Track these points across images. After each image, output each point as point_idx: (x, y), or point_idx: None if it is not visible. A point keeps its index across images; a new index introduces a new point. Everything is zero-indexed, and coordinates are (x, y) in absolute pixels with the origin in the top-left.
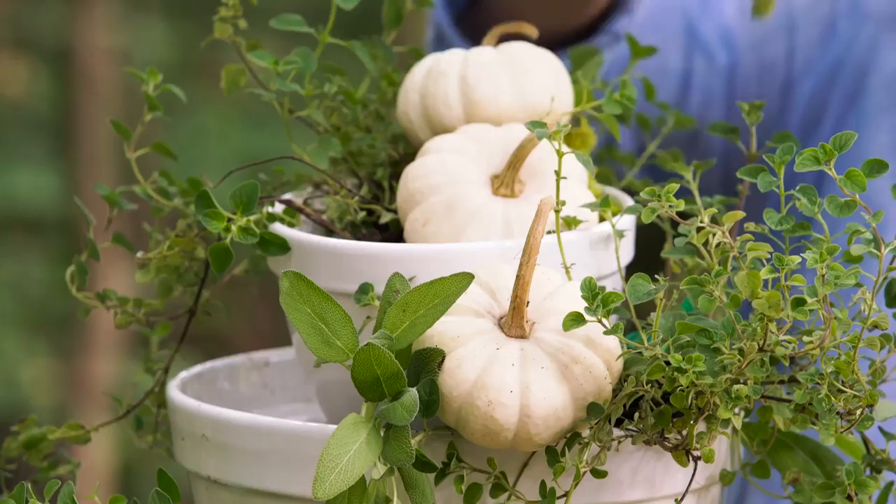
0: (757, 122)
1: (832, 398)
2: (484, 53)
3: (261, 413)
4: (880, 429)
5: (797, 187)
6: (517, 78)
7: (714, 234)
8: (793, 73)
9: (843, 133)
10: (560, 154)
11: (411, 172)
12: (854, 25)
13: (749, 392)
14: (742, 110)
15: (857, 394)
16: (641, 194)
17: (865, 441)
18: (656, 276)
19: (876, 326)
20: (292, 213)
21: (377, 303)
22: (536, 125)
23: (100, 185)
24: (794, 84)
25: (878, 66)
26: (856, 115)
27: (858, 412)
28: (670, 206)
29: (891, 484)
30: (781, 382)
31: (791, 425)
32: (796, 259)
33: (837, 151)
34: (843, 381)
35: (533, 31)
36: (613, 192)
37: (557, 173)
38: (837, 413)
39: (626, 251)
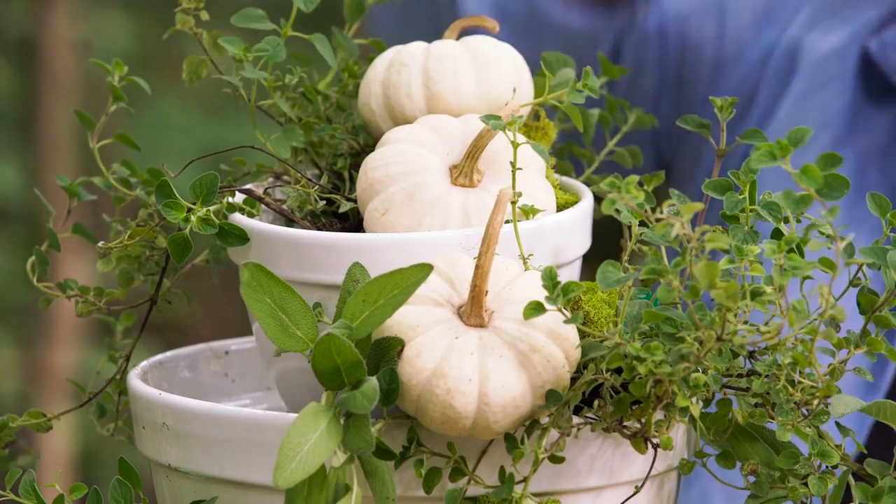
0: (729, 117)
1: (789, 389)
2: (446, 46)
3: (221, 401)
4: (837, 423)
5: (761, 201)
6: (479, 70)
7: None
8: (723, 57)
9: (799, 128)
10: (515, 145)
11: (371, 162)
12: (790, 10)
13: (709, 381)
14: (714, 105)
15: (814, 384)
16: (601, 185)
17: (821, 435)
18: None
19: (833, 319)
20: (253, 202)
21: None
22: (491, 117)
23: (59, 176)
24: (725, 67)
25: (810, 47)
26: (786, 96)
27: (815, 403)
28: (631, 197)
29: (847, 473)
30: (741, 376)
31: (749, 419)
32: (756, 249)
33: (793, 147)
34: (800, 373)
35: (494, 26)
36: (571, 182)
37: (513, 164)
38: (794, 404)
39: (584, 241)
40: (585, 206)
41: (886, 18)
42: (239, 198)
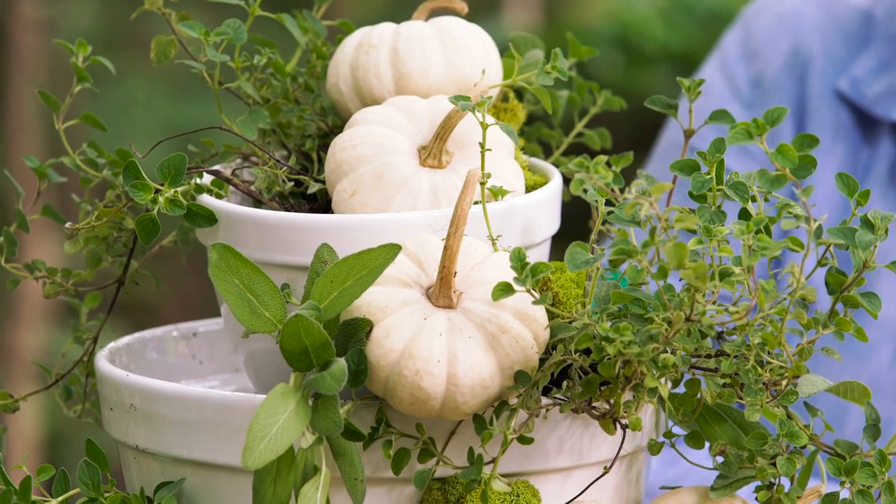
0: (696, 98)
1: (758, 369)
2: (415, 27)
3: (189, 383)
4: (805, 404)
5: (728, 180)
6: (448, 51)
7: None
8: None
9: (776, 108)
10: (484, 126)
11: (339, 143)
12: None
13: (677, 362)
14: (682, 86)
15: (783, 365)
16: (570, 166)
17: (790, 416)
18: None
19: (803, 299)
20: (221, 183)
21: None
22: (460, 98)
23: (28, 158)
24: None
25: None
26: None
27: (784, 383)
28: (599, 178)
29: (815, 453)
30: (709, 356)
31: (718, 399)
32: (724, 230)
33: (770, 125)
34: (769, 353)
35: (463, 7)
36: (539, 163)
37: (482, 145)
38: (763, 384)
39: (553, 222)
40: (554, 187)
41: None
42: (207, 179)
